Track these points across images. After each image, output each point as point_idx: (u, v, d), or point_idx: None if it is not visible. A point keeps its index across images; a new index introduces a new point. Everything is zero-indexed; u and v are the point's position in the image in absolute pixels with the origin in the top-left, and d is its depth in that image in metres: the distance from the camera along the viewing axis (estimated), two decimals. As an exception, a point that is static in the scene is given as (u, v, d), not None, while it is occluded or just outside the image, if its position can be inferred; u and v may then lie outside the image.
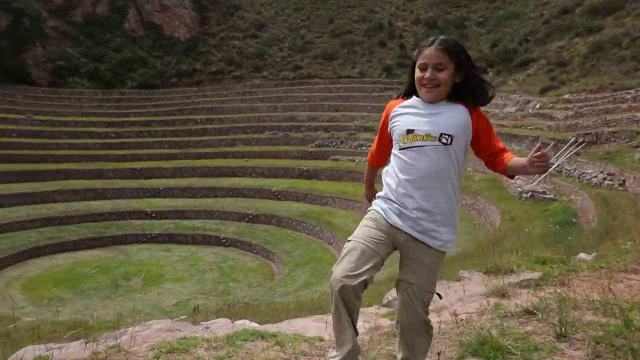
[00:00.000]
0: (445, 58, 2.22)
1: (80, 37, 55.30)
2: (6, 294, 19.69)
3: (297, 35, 58.05)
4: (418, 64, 2.28)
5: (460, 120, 2.24)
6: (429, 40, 2.30)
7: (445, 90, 2.25)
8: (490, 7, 53.73)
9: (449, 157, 2.22)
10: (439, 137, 2.19)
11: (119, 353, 2.94)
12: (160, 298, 19.98)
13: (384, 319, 3.69)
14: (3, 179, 31.34)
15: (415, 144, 2.21)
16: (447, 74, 2.23)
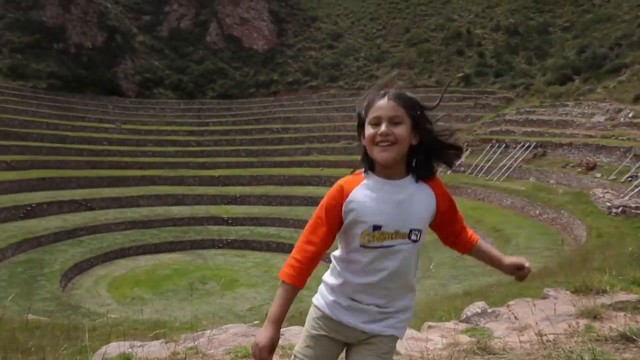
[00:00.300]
0: (401, 111, 1.85)
1: (165, 50, 58.17)
2: (94, 291, 20.76)
3: (373, 45, 57.94)
4: (369, 120, 1.86)
5: (428, 208, 1.90)
6: (380, 93, 1.90)
7: (402, 150, 1.84)
8: (577, 11, 51.10)
9: (415, 252, 1.89)
10: (409, 234, 1.85)
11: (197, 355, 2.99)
12: (234, 302, 20.30)
13: (462, 335, 3.48)
14: (95, 184, 33.37)
15: (383, 244, 1.84)
16: (404, 129, 1.84)
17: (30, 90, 44.14)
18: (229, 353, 2.99)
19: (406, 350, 3.08)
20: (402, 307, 1.94)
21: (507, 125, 34.95)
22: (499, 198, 26.11)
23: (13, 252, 22.21)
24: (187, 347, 3.14)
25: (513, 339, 3.27)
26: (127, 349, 3.14)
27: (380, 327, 1.90)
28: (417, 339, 3.41)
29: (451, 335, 3.42)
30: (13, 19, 49.63)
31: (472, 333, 3.49)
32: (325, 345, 1.94)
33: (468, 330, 3.60)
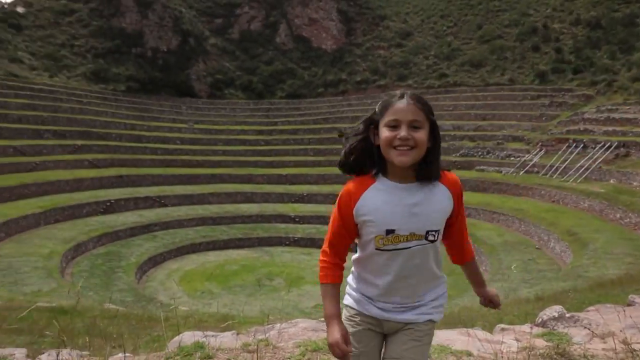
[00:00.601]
0: (422, 115, 1.82)
1: (236, 52, 59.72)
2: (167, 284, 21.63)
3: (444, 43, 56.72)
4: (386, 122, 1.83)
5: (444, 207, 1.89)
6: (396, 94, 1.88)
7: (421, 154, 1.81)
8: (667, 2, 47.66)
9: (433, 252, 1.91)
10: (426, 235, 1.84)
11: (268, 347, 3.08)
12: (299, 299, 20.47)
13: (538, 339, 3.36)
14: (168, 181, 34.75)
15: (398, 247, 1.84)
16: (424, 134, 1.81)
17: (110, 93, 46.70)
18: (299, 346, 3.05)
19: (478, 351, 3.06)
20: (433, 296, 1.97)
21: (585, 124, 33.12)
22: (575, 200, 24.78)
23: (94, 245, 23.52)
24: (258, 339, 3.22)
25: (594, 346, 3.14)
26: (201, 338, 3.26)
27: (414, 315, 1.93)
28: (490, 341, 3.35)
29: (526, 338, 3.36)
30: (97, 26, 52.71)
31: (549, 337, 3.39)
32: (366, 340, 1.97)
33: (544, 335, 3.51)
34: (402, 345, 1.91)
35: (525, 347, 3.11)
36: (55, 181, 28.29)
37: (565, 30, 51.79)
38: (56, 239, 22.02)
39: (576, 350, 3.03)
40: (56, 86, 42.40)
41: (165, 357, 2.99)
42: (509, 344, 3.22)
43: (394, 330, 1.97)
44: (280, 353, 2.97)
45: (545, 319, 4.05)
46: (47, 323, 7.43)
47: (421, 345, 1.92)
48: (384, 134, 1.83)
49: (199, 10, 62.71)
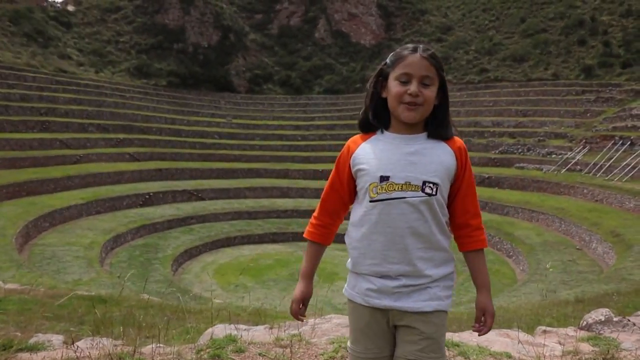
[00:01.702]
0: (433, 70, 1.75)
1: (275, 47, 60.09)
2: (202, 277, 21.99)
3: (485, 37, 55.52)
4: (396, 75, 1.76)
5: (445, 163, 1.77)
6: (409, 47, 1.79)
7: (428, 111, 1.76)
8: None
9: (432, 210, 1.75)
10: (422, 186, 1.73)
11: (300, 342, 3.04)
12: (332, 295, 20.26)
13: (584, 344, 3.21)
14: (206, 175, 35.31)
15: (392, 196, 1.73)
16: (433, 91, 1.75)
17: (152, 88, 47.78)
18: (332, 343, 3.01)
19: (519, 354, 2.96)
20: (440, 274, 1.80)
21: (633, 121, 31.80)
22: (620, 200, 23.85)
23: (132, 237, 24.13)
24: (291, 334, 3.21)
25: None
26: (233, 331, 3.26)
27: (421, 302, 1.77)
28: (531, 343, 3.24)
29: (570, 342, 3.23)
30: (141, 23, 53.99)
31: (594, 342, 3.25)
32: (372, 335, 1.86)
33: (590, 339, 3.35)
34: (414, 345, 1.76)
35: (569, 352, 2.99)
36: (97, 173, 29.16)
37: (615, 22, 49.80)
38: (97, 229, 22.69)
39: (626, 357, 2.89)
40: (101, 81, 43.71)
41: (197, 349, 2.98)
42: (551, 347, 3.10)
43: (400, 322, 1.81)
44: (313, 349, 2.93)
45: (590, 322, 3.88)
46: (86, 311, 7.66)
47: (436, 342, 1.78)
48: (393, 88, 1.78)
49: (240, 6, 63.38)
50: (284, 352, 2.88)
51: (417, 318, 1.77)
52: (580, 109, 37.34)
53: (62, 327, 6.70)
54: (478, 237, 1.87)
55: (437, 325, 1.78)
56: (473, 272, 1.91)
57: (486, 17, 59.78)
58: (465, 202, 1.84)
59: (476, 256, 1.90)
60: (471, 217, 1.86)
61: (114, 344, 3.30)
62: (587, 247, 20.97)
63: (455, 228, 1.88)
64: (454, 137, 1.84)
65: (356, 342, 1.89)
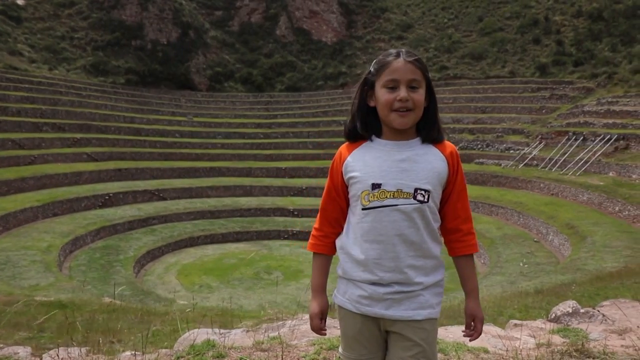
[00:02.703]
0: (419, 74, 1.75)
1: (236, 44, 59.49)
2: (165, 278, 21.65)
3: (444, 35, 56.45)
4: (383, 82, 1.76)
5: (437, 169, 1.78)
6: (392, 52, 1.79)
7: (419, 115, 1.77)
8: (670, -7, 47.29)
9: (424, 218, 1.75)
10: (414, 194, 1.73)
11: (280, 345, 3.01)
12: (298, 293, 20.47)
13: (555, 336, 3.30)
14: (167, 175, 34.73)
15: (384, 203, 1.74)
16: (422, 94, 1.76)
17: (109, 86, 46.60)
18: (313, 344, 2.99)
19: (494, 348, 3.00)
20: (431, 281, 1.80)
21: (585, 117, 32.99)
22: (574, 193, 24.73)
23: (92, 239, 23.52)
24: (270, 337, 3.19)
25: (612, 342, 3.09)
26: (211, 335, 3.21)
27: (412, 310, 1.76)
28: (504, 337, 3.30)
29: (541, 335, 3.30)
30: (96, 18, 52.53)
31: (564, 334, 3.35)
32: (364, 341, 1.85)
33: (560, 331, 3.45)
34: (406, 351, 1.77)
35: (542, 344, 3.06)
36: (53, 174, 28.27)
37: (567, 22, 51.51)
38: (54, 232, 22.02)
39: (595, 347, 2.97)
40: (55, 79, 42.33)
41: (176, 356, 2.92)
42: (524, 340, 3.17)
43: (392, 328, 1.81)
44: (295, 352, 2.91)
45: (559, 315, 4.00)
46: (46, 318, 7.43)
47: (428, 348, 1.78)
48: (382, 96, 1.77)
49: (199, 3, 62.43)
50: (265, 356, 2.86)
51: (408, 325, 1.77)
52: (535, 105, 38.47)
53: (22, 335, 6.49)
54: (469, 242, 1.88)
55: (428, 332, 1.78)
56: (463, 278, 1.90)
57: (445, 16, 60.78)
58: (457, 207, 1.85)
59: (466, 261, 1.89)
60: (462, 222, 1.86)
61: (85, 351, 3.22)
62: (544, 239, 21.65)
63: (446, 233, 1.88)
64: (445, 141, 1.86)
65: (349, 349, 1.88)
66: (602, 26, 47.61)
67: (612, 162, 26.53)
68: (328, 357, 2.76)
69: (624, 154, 26.96)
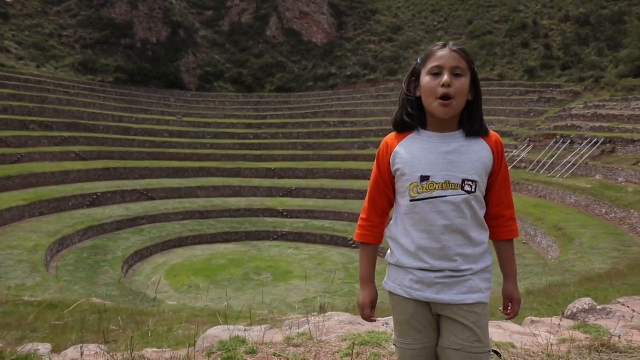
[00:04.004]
0: (464, 63, 1.79)
1: (226, 44, 59.35)
2: (154, 279, 21.47)
3: (434, 38, 56.75)
4: (428, 69, 1.81)
5: (483, 159, 1.83)
6: (438, 44, 1.86)
7: (461, 104, 1.80)
8: (655, -1, 47.96)
9: (471, 207, 1.81)
10: (462, 185, 1.79)
11: (311, 340, 3.02)
12: (287, 294, 20.46)
13: (575, 332, 3.33)
14: (156, 175, 34.49)
15: (433, 195, 1.79)
16: (465, 82, 1.79)
17: (98, 84, 46.25)
18: (344, 340, 3.00)
19: (521, 344, 3.03)
20: (481, 266, 1.84)
21: (573, 120, 33.32)
22: (562, 196, 24.96)
23: (80, 239, 23.29)
24: (299, 333, 3.18)
25: (635, 338, 3.14)
26: (233, 332, 3.18)
27: (459, 295, 1.81)
28: (523, 333, 3.34)
29: (560, 331, 3.34)
30: (86, 16, 52.11)
31: (585, 330, 3.39)
32: (419, 326, 1.89)
33: (579, 327, 3.50)
34: (459, 335, 1.81)
35: (565, 340, 3.09)
36: (40, 173, 27.97)
37: (555, 26, 52.07)
38: (41, 232, 21.78)
39: (620, 342, 3.00)
40: (43, 77, 41.89)
41: (208, 352, 2.89)
42: (544, 337, 3.20)
43: (442, 312, 1.85)
44: (327, 347, 2.90)
45: (575, 312, 4.05)
46: (36, 318, 7.34)
47: (480, 331, 1.81)
48: (427, 83, 1.81)
49: (190, 2, 62.22)
50: (299, 352, 2.85)
51: (460, 309, 1.81)
52: (524, 108, 38.78)
53: (14, 335, 6.40)
54: (510, 228, 1.93)
55: (479, 315, 1.82)
56: (502, 261, 1.97)
57: (435, 19, 61.12)
58: (500, 194, 1.89)
59: (507, 246, 1.96)
60: (505, 208, 1.91)
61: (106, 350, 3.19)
62: (533, 241, 21.82)
63: (489, 218, 1.91)
64: (490, 131, 1.90)
65: (404, 335, 1.92)
66: (589, 31, 48.18)
67: (599, 165, 26.81)
68: (361, 352, 2.76)
69: (611, 157, 27.27)
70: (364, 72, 54.87)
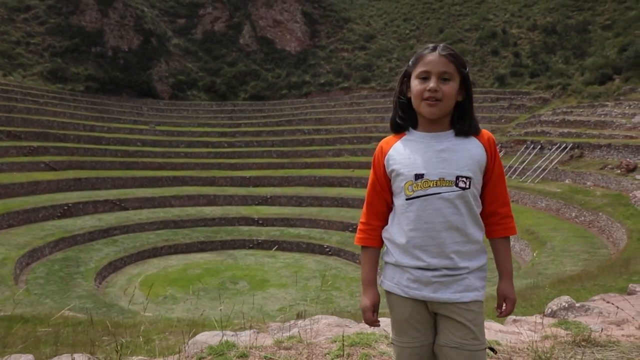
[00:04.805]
0: (452, 67, 1.85)
1: (199, 53, 58.99)
2: (128, 290, 21.09)
3: (406, 46, 57.47)
4: (417, 73, 1.86)
5: (476, 156, 1.86)
6: (429, 47, 1.90)
7: (449, 106, 1.86)
8: (619, 9, 49.49)
9: (466, 204, 1.82)
10: (456, 181, 1.82)
11: (301, 343, 3.01)
12: (264, 302, 20.35)
13: (556, 329, 3.39)
14: (129, 184, 34.01)
15: (428, 192, 1.82)
16: (453, 86, 1.84)
17: (68, 93, 45.42)
18: (334, 342, 3.00)
19: (506, 341, 3.09)
20: (477, 264, 1.87)
21: (542, 126, 34.10)
22: (533, 200, 25.47)
23: (50, 250, 22.79)
24: (288, 336, 3.17)
25: (613, 332, 3.22)
26: (222, 337, 3.15)
27: (455, 293, 1.83)
28: (506, 332, 3.38)
29: (542, 329, 3.39)
30: (54, 24, 51.19)
31: (566, 326, 3.44)
32: (416, 325, 1.91)
33: (560, 324, 3.55)
34: (456, 333, 1.83)
35: (548, 336, 3.14)
36: (8, 184, 27.28)
37: (523, 35, 53.29)
38: (9, 244, 21.23)
39: (600, 337, 3.08)
40: (10, 85, 40.92)
41: (198, 357, 2.86)
42: (527, 334, 3.25)
43: (440, 310, 1.87)
44: (317, 349, 2.91)
45: (555, 309, 4.13)
46: (6, 332, 7.15)
47: (476, 329, 1.84)
48: (415, 86, 1.86)
49: (162, 10, 61.71)
50: (290, 354, 2.85)
51: (456, 307, 1.83)
52: (495, 115, 39.52)
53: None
54: (507, 225, 1.95)
55: (475, 313, 1.84)
56: (498, 259, 1.98)
57: (407, 27, 61.91)
58: (495, 191, 1.92)
59: (503, 243, 1.97)
60: (500, 205, 1.93)
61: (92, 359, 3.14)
62: (506, 245, 22.14)
63: (485, 216, 1.94)
64: (482, 130, 1.95)
65: (401, 333, 1.94)
66: (555, 39, 49.47)
67: (568, 170, 27.46)
68: (351, 353, 2.77)
69: (579, 161, 27.96)
70: (337, 80, 55.18)
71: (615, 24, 47.38)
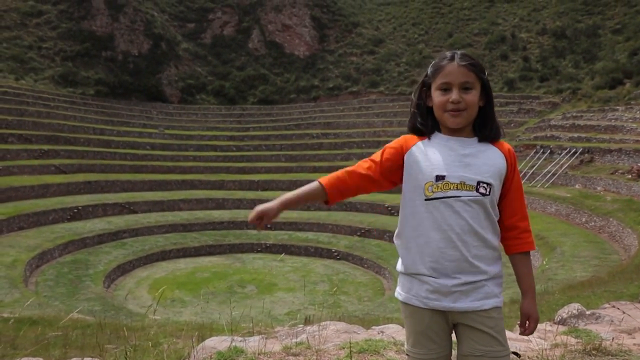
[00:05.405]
0: (472, 76, 1.83)
1: (208, 57, 59.29)
2: (136, 293, 21.20)
3: (415, 50, 57.42)
4: (437, 85, 1.85)
5: (497, 164, 1.85)
6: (447, 56, 1.88)
7: (473, 114, 1.85)
8: (629, 13, 49.13)
9: (485, 209, 1.82)
10: (476, 186, 1.80)
11: (309, 350, 2.99)
12: (272, 306, 20.34)
13: (566, 337, 3.35)
14: (138, 188, 34.18)
15: (447, 194, 1.80)
16: (475, 94, 1.83)
17: (79, 97, 45.77)
18: (342, 348, 2.98)
19: (516, 349, 3.02)
20: (490, 273, 1.84)
21: (552, 131, 33.89)
22: (543, 205, 25.30)
23: (60, 253, 22.93)
24: (296, 343, 3.15)
25: (624, 341, 3.18)
26: (233, 342, 3.14)
27: (475, 302, 1.81)
28: (514, 339, 3.34)
29: (551, 336, 3.36)
30: (66, 29, 51.68)
31: (576, 334, 3.41)
32: (434, 336, 1.88)
33: (570, 332, 3.52)
34: (479, 341, 1.81)
35: (557, 344, 3.11)
36: (19, 187, 27.52)
37: (532, 39, 53.06)
38: (20, 246, 21.38)
39: (612, 346, 3.04)
40: (22, 89, 41.35)
41: None
42: (536, 342, 3.21)
43: (459, 320, 1.85)
44: (326, 356, 2.90)
45: (565, 317, 4.09)
46: (16, 334, 7.18)
47: (499, 335, 1.82)
48: (436, 98, 1.86)
49: (172, 15, 62.12)
50: None
51: (477, 315, 1.81)
52: (504, 119, 39.31)
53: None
54: (526, 240, 1.93)
55: (496, 320, 1.82)
56: (520, 275, 1.93)
57: (416, 31, 61.87)
58: (514, 204, 1.90)
59: (523, 259, 1.94)
60: (519, 219, 1.91)
61: None
62: (515, 250, 21.99)
63: (504, 230, 1.92)
64: (502, 141, 1.93)
65: (417, 345, 1.90)
66: (565, 44, 49.21)
67: (578, 175, 27.26)
68: None
69: (589, 166, 27.75)
70: (346, 84, 55.22)
71: (625, 27, 47.06)
